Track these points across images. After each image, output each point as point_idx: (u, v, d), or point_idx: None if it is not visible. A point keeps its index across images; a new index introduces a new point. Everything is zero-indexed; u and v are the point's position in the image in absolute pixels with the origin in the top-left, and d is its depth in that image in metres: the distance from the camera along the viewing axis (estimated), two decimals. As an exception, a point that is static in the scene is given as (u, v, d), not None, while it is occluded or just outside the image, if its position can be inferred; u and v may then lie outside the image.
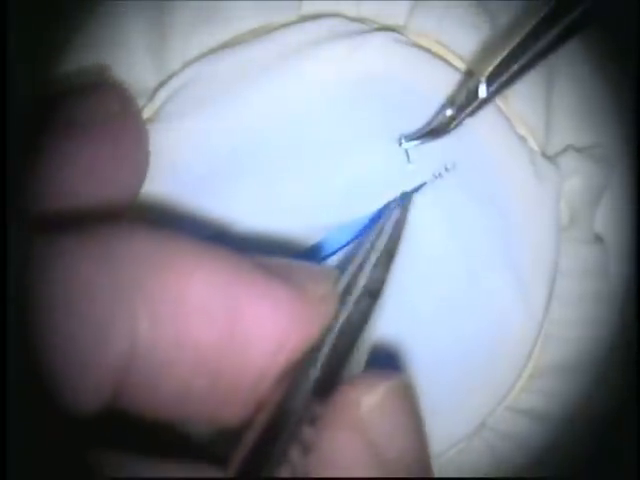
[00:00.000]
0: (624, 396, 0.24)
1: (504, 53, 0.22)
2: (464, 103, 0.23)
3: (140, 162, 0.20)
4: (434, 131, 0.24)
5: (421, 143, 0.24)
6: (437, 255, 0.24)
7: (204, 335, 0.15)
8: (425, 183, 0.24)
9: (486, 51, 0.25)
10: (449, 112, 0.23)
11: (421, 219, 0.24)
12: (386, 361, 0.23)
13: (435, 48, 0.25)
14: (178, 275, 0.15)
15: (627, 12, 0.22)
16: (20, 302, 0.14)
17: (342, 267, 0.21)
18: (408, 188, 0.24)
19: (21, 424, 0.14)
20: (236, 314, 0.16)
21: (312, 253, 0.24)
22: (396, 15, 0.25)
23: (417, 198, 0.24)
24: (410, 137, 0.24)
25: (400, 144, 0.24)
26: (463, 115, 0.23)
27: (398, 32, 0.25)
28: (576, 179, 0.25)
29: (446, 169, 0.24)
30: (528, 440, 0.25)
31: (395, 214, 0.23)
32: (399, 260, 0.24)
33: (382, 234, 0.22)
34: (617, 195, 0.26)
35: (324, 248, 0.24)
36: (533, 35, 0.22)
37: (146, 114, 0.24)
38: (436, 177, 0.24)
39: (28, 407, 0.14)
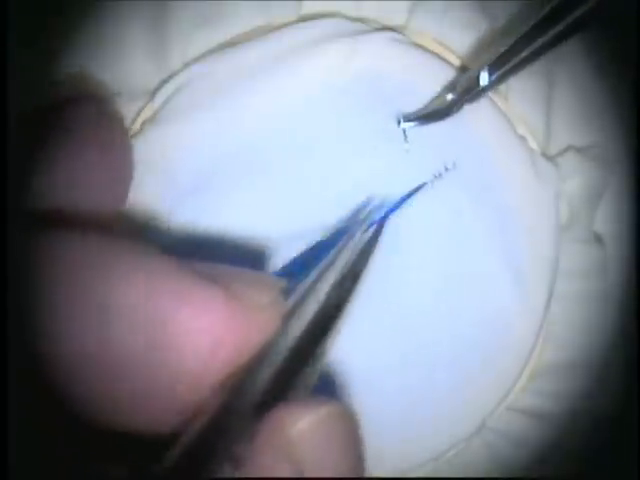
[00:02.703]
0: (624, 396, 0.24)
1: (508, 44, 0.22)
2: (465, 89, 0.23)
3: (121, 171, 0.20)
4: (433, 113, 0.24)
5: (420, 124, 0.24)
6: (436, 255, 0.24)
7: (127, 341, 0.15)
8: (425, 183, 0.24)
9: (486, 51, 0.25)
10: (449, 96, 0.23)
11: (421, 219, 0.24)
12: (330, 386, 0.23)
13: (435, 48, 0.25)
14: (104, 281, 0.15)
15: (627, 12, 0.22)
16: None
17: (304, 279, 0.20)
18: (408, 188, 0.24)
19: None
20: (161, 320, 0.16)
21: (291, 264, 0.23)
22: (396, 15, 0.25)
23: (417, 197, 0.24)
24: (409, 117, 0.24)
25: (399, 123, 0.24)
26: (463, 100, 0.23)
27: (398, 32, 0.25)
28: (576, 179, 0.25)
29: (446, 169, 0.24)
30: (528, 440, 0.25)
31: (366, 234, 0.22)
32: (398, 259, 0.24)
33: (347, 251, 0.21)
34: (617, 195, 0.26)
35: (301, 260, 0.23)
36: (536, 29, 0.22)
37: (146, 114, 0.24)
38: (436, 177, 0.24)
39: None
